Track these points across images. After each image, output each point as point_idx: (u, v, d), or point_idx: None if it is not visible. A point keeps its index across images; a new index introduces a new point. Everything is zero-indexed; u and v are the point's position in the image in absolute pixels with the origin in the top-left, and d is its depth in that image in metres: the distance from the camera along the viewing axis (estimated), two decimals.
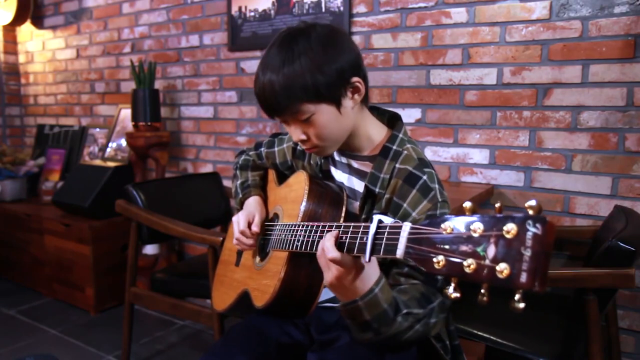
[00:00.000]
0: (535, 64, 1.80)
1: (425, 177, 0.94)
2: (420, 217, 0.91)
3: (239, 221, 1.14)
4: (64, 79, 3.46)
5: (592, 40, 1.70)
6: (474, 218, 0.56)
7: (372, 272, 0.80)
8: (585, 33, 1.71)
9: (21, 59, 3.72)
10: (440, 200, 0.93)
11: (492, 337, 1.35)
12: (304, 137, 0.96)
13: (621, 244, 1.18)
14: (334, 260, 0.77)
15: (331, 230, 0.82)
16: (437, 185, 0.94)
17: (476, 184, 1.96)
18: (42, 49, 3.56)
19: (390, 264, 0.94)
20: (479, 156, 1.95)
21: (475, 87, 1.93)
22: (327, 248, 0.78)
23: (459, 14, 1.93)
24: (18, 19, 3.44)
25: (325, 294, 1.10)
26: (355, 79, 0.94)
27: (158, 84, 2.86)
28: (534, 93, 1.82)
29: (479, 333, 1.37)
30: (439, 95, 2.01)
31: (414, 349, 0.98)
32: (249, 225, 1.14)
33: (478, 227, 0.55)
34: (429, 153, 2.05)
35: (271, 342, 1.04)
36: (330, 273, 0.79)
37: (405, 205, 0.93)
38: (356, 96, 0.96)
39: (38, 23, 3.54)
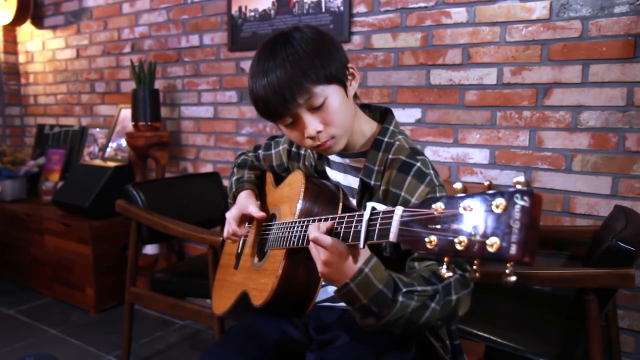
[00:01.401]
0: (535, 64, 1.80)
1: (418, 164, 0.95)
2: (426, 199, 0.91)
3: (231, 215, 1.16)
4: (64, 79, 3.46)
5: (592, 40, 1.70)
6: (464, 196, 0.57)
7: (360, 253, 0.80)
8: (585, 33, 1.71)
9: (21, 59, 3.72)
10: (437, 184, 0.93)
11: (492, 337, 1.35)
12: (320, 127, 0.93)
13: (621, 243, 1.18)
14: (315, 241, 0.79)
15: (326, 222, 0.83)
16: (431, 171, 0.95)
17: (476, 184, 1.95)
18: (42, 49, 3.56)
19: (405, 254, 0.94)
20: (479, 156, 1.95)
21: (475, 87, 1.93)
22: (310, 231, 0.81)
23: (459, 14, 1.93)
24: (18, 19, 3.44)
25: (324, 294, 1.10)
26: (350, 65, 0.98)
27: (158, 84, 2.86)
28: (534, 93, 1.82)
29: (479, 333, 1.37)
30: (439, 95, 2.01)
31: (413, 348, 0.98)
32: (244, 219, 1.16)
33: (468, 205, 0.56)
34: (429, 153, 2.05)
35: (270, 342, 1.04)
36: (319, 260, 0.80)
37: (403, 193, 0.93)
38: (354, 83, 0.99)
39: (38, 23, 3.54)
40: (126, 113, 3.02)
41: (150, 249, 2.75)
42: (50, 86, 3.56)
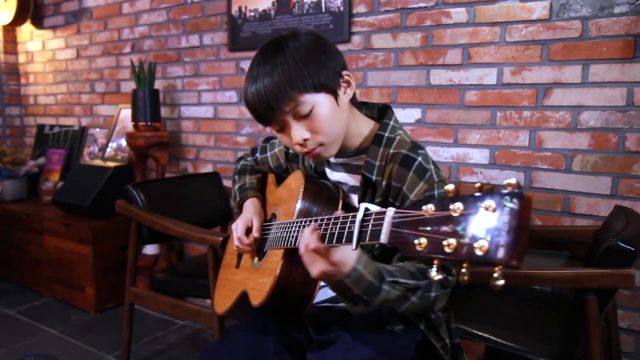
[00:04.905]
0: (535, 64, 1.80)
1: (420, 159, 0.96)
2: (418, 200, 0.92)
3: (237, 228, 1.18)
4: (64, 79, 3.46)
5: (592, 40, 1.70)
6: (454, 198, 0.57)
7: (351, 254, 0.82)
8: (585, 33, 1.71)
9: (21, 59, 3.72)
10: (436, 180, 0.94)
11: (492, 337, 1.35)
12: (307, 135, 0.93)
13: (621, 243, 1.18)
14: (316, 250, 0.80)
15: (322, 223, 0.84)
16: (432, 166, 0.96)
17: (476, 184, 1.95)
18: (42, 49, 3.56)
19: (394, 251, 0.95)
20: (479, 156, 1.95)
21: (475, 87, 1.93)
22: (306, 241, 0.82)
23: (459, 14, 1.93)
24: (18, 19, 3.44)
25: (324, 294, 1.10)
26: (345, 72, 0.97)
27: (158, 84, 2.86)
28: (534, 93, 1.82)
29: (479, 333, 1.37)
30: (439, 95, 2.01)
31: (412, 348, 0.98)
32: (248, 230, 1.17)
33: (458, 207, 0.55)
34: (429, 153, 2.05)
35: (269, 342, 1.04)
36: (316, 268, 0.82)
37: (404, 188, 0.95)
38: (348, 90, 0.98)
39: (38, 23, 3.54)
40: (126, 113, 3.02)
41: (150, 249, 2.75)
42: (50, 86, 3.56)
